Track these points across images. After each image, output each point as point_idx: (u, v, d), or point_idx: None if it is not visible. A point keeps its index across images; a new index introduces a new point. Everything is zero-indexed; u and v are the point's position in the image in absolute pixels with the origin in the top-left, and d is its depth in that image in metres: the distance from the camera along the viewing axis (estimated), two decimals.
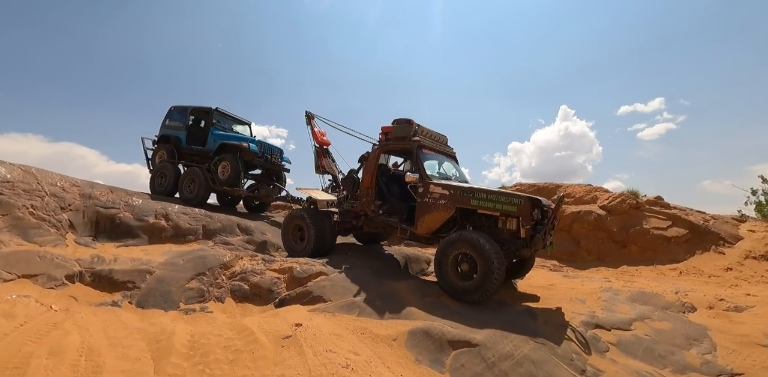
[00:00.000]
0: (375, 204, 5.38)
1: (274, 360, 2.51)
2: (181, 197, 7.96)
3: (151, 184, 8.41)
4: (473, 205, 4.39)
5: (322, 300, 3.95)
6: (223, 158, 7.76)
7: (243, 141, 7.85)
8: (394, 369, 2.67)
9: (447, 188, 4.62)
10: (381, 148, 5.46)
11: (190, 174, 7.88)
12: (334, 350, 2.68)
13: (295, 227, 5.98)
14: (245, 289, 4.33)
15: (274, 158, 8.46)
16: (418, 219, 4.79)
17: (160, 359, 2.49)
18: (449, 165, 5.69)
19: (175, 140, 8.56)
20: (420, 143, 5.14)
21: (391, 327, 3.31)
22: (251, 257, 4.92)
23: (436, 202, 4.65)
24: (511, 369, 2.98)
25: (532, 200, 4.14)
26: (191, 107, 8.61)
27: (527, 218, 4.07)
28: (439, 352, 3.05)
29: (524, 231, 4.10)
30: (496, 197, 4.28)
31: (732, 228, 8.66)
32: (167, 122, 8.80)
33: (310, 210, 5.90)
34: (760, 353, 4.02)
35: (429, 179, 4.80)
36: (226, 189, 7.74)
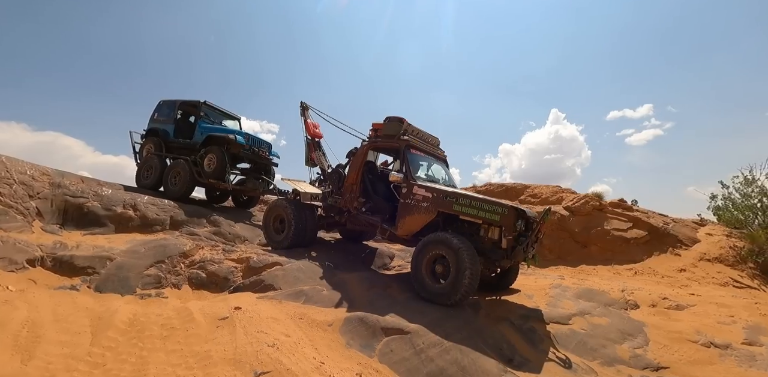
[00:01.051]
0: (358, 201, 5.29)
1: (206, 338, 2.69)
2: (165, 190, 7.87)
3: (138, 177, 8.36)
4: (455, 210, 4.27)
5: (273, 289, 4.13)
6: (210, 150, 7.66)
7: (230, 133, 7.79)
8: (321, 351, 2.87)
9: (430, 191, 4.52)
10: (369, 144, 5.39)
11: (176, 166, 7.79)
12: (266, 331, 2.87)
13: (277, 217, 5.92)
14: (202, 277, 4.50)
15: (262, 151, 8.35)
16: (399, 220, 4.71)
17: (99, 333, 2.66)
18: (438, 168, 5.60)
19: (163, 133, 8.51)
20: (408, 142, 5.04)
21: (330, 314, 3.51)
22: (212, 247, 5.09)
23: (419, 204, 4.55)
24: (437, 355, 3.18)
25: (516, 210, 4.04)
26: (180, 101, 8.55)
27: (510, 229, 3.97)
28: (371, 338, 3.25)
29: (506, 242, 3.99)
30: (480, 204, 4.16)
31: (691, 231, 9.00)
32: (156, 115, 8.76)
33: (294, 201, 5.82)
34: (689, 348, 4.25)
35: (413, 180, 4.72)
36: (212, 182, 7.62)
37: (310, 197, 5.87)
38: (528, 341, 3.91)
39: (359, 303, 3.86)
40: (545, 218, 4.21)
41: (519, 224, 4.02)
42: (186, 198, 7.83)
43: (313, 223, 5.79)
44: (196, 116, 8.51)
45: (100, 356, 2.40)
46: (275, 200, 6.26)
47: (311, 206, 5.87)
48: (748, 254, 7.82)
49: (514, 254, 4.05)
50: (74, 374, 2.16)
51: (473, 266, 3.83)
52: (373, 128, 5.38)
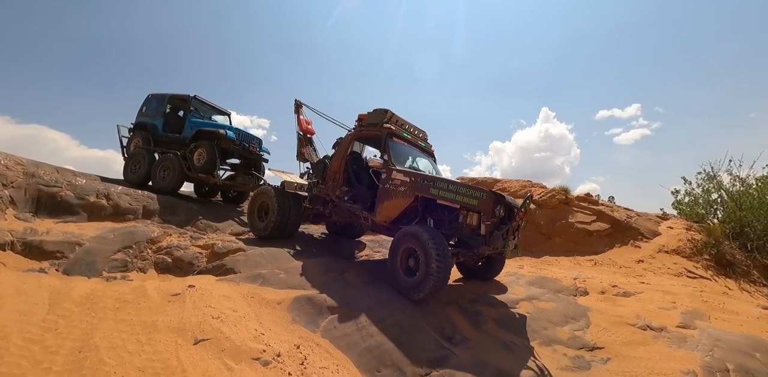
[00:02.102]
0: (341, 190, 5.32)
1: (156, 311, 2.93)
2: (153, 184, 7.82)
3: (125, 171, 8.29)
4: (433, 194, 4.21)
5: (233, 272, 4.37)
6: (200, 144, 7.63)
7: (220, 128, 7.78)
8: (265, 325, 3.11)
9: (408, 175, 4.50)
10: (353, 134, 5.43)
11: (164, 160, 7.74)
12: (214, 306, 3.11)
13: (261, 204, 5.94)
14: (168, 262, 4.72)
15: (252, 147, 8.33)
16: (378, 205, 4.71)
17: (55, 304, 2.88)
18: (425, 162, 5.56)
19: (152, 127, 8.48)
20: (391, 130, 5.05)
21: (281, 294, 3.75)
22: (180, 234, 5.30)
23: (396, 189, 4.53)
24: (377, 332, 3.42)
25: (495, 195, 3.93)
26: (169, 95, 8.51)
27: (488, 214, 3.87)
28: (316, 315, 3.51)
29: (485, 227, 3.90)
30: (457, 188, 4.09)
31: (653, 225, 9.39)
32: (144, 109, 8.71)
33: (279, 189, 5.84)
34: (626, 331, 4.54)
35: (393, 165, 4.73)
36: (202, 177, 7.58)
37: (295, 186, 5.93)
38: (472, 322, 4.17)
39: (313, 285, 4.10)
40: (527, 205, 4.08)
41: (498, 209, 3.92)
42: (175, 193, 7.84)
43: (296, 213, 5.80)
44: (186, 110, 8.46)
45: (53, 322, 2.63)
46: (261, 186, 6.28)
47: (296, 196, 5.90)
48: (703, 246, 8.21)
49: (492, 240, 3.94)
50: (26, 335, 2.38)
51: (442, 260, 3.66)
52: (359, 119, 5.46)
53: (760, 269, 8.10)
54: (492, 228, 3.94)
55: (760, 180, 8.74)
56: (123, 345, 2.47)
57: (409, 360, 3.08)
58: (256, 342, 2.70)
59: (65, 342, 2.46)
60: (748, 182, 9.00)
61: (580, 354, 3.90)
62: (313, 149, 6.83)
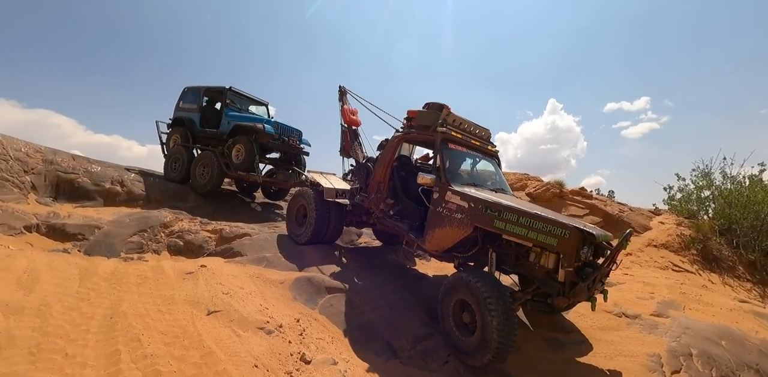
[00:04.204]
0: (385, 203, 4.60)
1: (173, 286, 3.32)
2: (193, 183, 7.57)
3: (165, 169, 8.14)
4: (497, 228, 3.31)
5: (240, 255, 4.76)
6: (238, 140, 7.25)
7: (258, 122, 7.32)
8: (269, 301, 3.50)
9: (467, 199, 3.61)
10: (401, 136, 4.62)
11: (203, 159, 7.47)
12: (224, 283, 3.49)
13: (300, 207, 5.44)
14: (180, 245, 5.12)
15: (292, 140, 7.88)
16: (428, 232, 3.92)
17: (85, 279, 3.27)
18: (487, 168, 4.75)
19: (189, 122, 8.17)
20: (446, 135, 4.15)
21: (284, 275, 4.14)
22: (190, 220, 5.69)
23: (451, 215, 3.68)
24: (370, 310, 3.82)
25: (582, 232, 2.97)
26: (204, 88, 8.19)
27: (571, 257, 2.94)
28: (315, 294, 3.89)
29: (563, 274, 3.00)
30: (531, 222, 3.12)
31: (645, 220, 9.69)
32: (181, 103, 8.45)
33: (319, 192, 5.18)
34: (602, 317, 4.81)
35: (448, 184, 3.83)
36: (241, 174, 7.25)
37: (335, 193, 5.14)
38: None
39: (313, 269, 4.48)
40: (624, 244, 3.16)
41: (585, 251, 2.97)
42: (215, 191, 7.65)
43: (338, 219, 5.21)
44: (222, 103, 8.10)
45: (85, 294, 3.02)
46: (301, 188, 5.70)
47: (338, 202, 5.21)
48: (691, 241, 8.51)
49: (575, 292, 3.06)
50: (64, 303, 2.78)
51: (505, 316, 2.93)
52: (407, 117, 4.62)
53: (745, 265, 8.42)
54: (573, 276, 3.04)
55: (750, 179, 8.97)
56: (147, 314, 2.86)
57: (397, 335, 3.47)
58: (261, 315, 3.08)
59: (98, 309, 2.85)
60: (739, 180, 9.24)
61: (557, 336, 4.23)
62: (359, 144, 6.04)
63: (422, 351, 3.26)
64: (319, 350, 2.83)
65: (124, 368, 2.27)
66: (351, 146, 5.96)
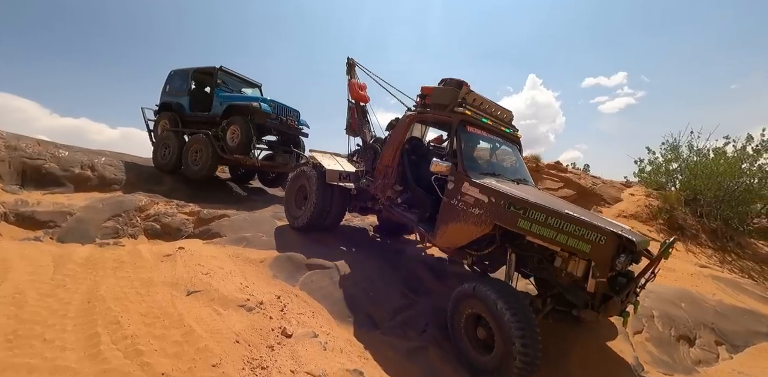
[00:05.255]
0: (393, 190, 4.20)
1: (150, 269, 3.32)
2: (185, 169, 7.15)
3: (154, 156, 7.74)
4: (521, 228, 2.86)
5: (219, 236, 4.76)
6: (232, 121, 6.83)
7: (253, 101, 6.92)
8: (249, 279, 3.54)
9: (487, 193, 3.13)
10: (413, 116, 4.18)
11: (195, 142, 7.02)
12: (203, 264, 3.51)
13: (301, 188, 5.08)
14: (157, 228, 5.07)
15: (291, 120, 7.44)
16: (440, 226, 3.50)
17: (59, 266, 3.24)
18: (507, 156, 4.31)
19: (178, 107, 7.78)
20: (465, 116, 3.65)
21: (264, 254, 4.17)
22: (166, 203, 5.62)
23: (468, 209, 3.24)
24: (351, 285, 3.91)
25: (620, 238, 2.52)
26: (193, 69, 7.75)
27: (605, 267, 2.52)
28: (295, 272, 3.95)
29: (594, 284, 2.56)
30: (562, 224, 2.67)
31: (616, 192, 10.06)
32: (167, 88, 8.05)
33: (321, 174, 4.78)
34: None
35: (465, 173, 3.37)
36: (238, 158, 6.77)
37: (338, 176, 4.75)
38: (437, 278, 4.67)
39: (293, 247, 4.52)
40: (666, 253, 2.69)
41: (621, 260, 2.53)
42: (210, 177, 7.30)
43: (340, 203, 4.87)
44: (212, 84, 7.69)
45: (61, 280, 3.00)
46: (302, 167, 5.24)
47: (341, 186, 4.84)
48: (659, 211, 8.90)
49: (607, 308, 2.68)
50: (40, 290, 2.76)
51: (528, 333, 2.54)
52: (421, 94, 4.14)
53: (707, 233, 8.90)
54: (606, 287, 2.62)
55: (715, 151, 9.36)
56: (125, 297, 2.87)
57: (377, 308, 3.59)
58: (242, 293, 3.13)
59: (75, 295, 2.84)
60: (704, 152, 9.62)
61: None
62: (367, 122, 5.58)
63: (401, 322, 3.40)
64: (300, 324, 2.92)
65: (104, 349, 2.30)
66: (358, 124, 5.45)
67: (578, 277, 2.69)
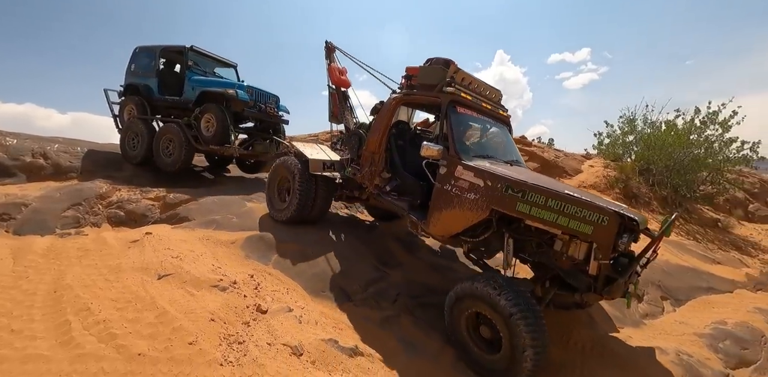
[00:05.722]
0: (381, 177, 4.04)
1: (118, 255, 3.28)
2: (157, 161, 6.64)
3: (122, 146, 7.08)
4: (520, 212, 2.78)
5: (188, 220, 4.70)
6: (207, 109, 6.34)
7: (229, 87, 6.41)
8: (221, 261, 3.57)
9: (482, 176, 3.01)
10: (399, 98, 3.96)
11: (167, 132, 6.53)
12: (173, 248, 3.50)
13: (282, 179, 4.86)
14: (121, 215, 4.93)
15: (269, 107, 7.02)
16: (433, 214, 3.35)
17: (19, 258, 3.15)
18: (498, 136, 4.16)
19: (145, 89, 7.11)
20: (455, 96, 3.50)
21: (235, 235, 4.18)
22: (129, 189, 5.44)
23: (463, 195, 3.11)
24: (323, 261, 4.00)
25: (623, 217, 2.51)
26: (161, 47, 7.06)
27: (607, 248, 2.50)
28: (268, 251, 4.00)
29: (596, 267, 2.56)
30: (563, 206, 2.60)
31: (577, 164, 10.53)
32: (133, 67, 7.29)
33: (304, 163, 4.55)
34: None
35: (458, 155, 3.23)
36: (214, 149, 6.40)
37: (322, 165, 4.55)
38: (407, 251, 4.85)
39: (264, 227, 4.54)
40: (668, 231, 2.71)
41: (624, 240, 2.53)
42: (185, 169, 6.82)
43: (325, 195, 4.68)
44: (183, 65, 7.06)
45: (23, 272, 2.93)
46: (283, 157, 5.00)
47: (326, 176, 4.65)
48: (615, 181, 9.42)
49: (611, 290, 2.64)
50: (1, 283, 2.69)
51: (536, 328, 2.47)
52: (407, 75, 3.98)
53: (658, 200, 9.53)
54: (609, 269, 2.60)
55: (666, 124, 9.89)
56: (94, 284, 2.85)
57: (350, 281, 3.72)
58: (214, 274, 3.17)
59: (39, 285, 2.79)
60: (657, 125, 10.15)
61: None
62: (350, 108, 5.36)
63: (374, 293, 3.55)
64: (274, 300, 3.00)
65: (77, 335, 2.31)
66: (341, 110, 5.26)
67: (579, 260, 2.66)
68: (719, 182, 9.70)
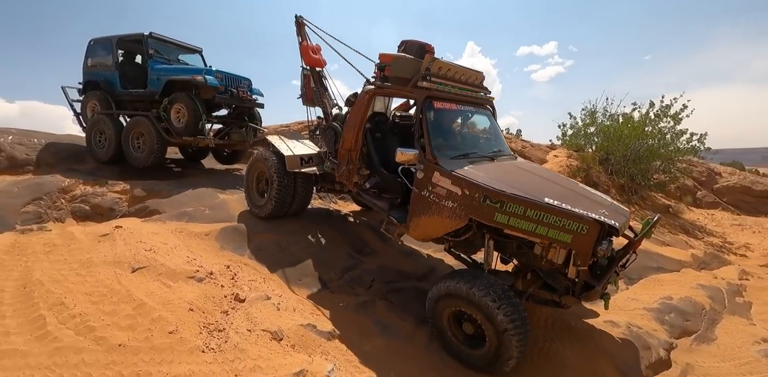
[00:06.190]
0: (359, 175, 3.88)
1: (88, 250, 3.23)
2: (129, 157, 6.32)
3: (89, 146, 6.71)
4: (499, 223, 2.73)
5: (158, 213, 4.64)
6: (175, 99, 6.05)
7: (196, 74, 6.11)
8: (196, 252, 3.58)
9: (460, 184, 2.90)
10: (372, 91, 3.71)
11: (136, 126, 6.22)
12: (145, 241, 3.47)
13: (259, 175, 4.72)
14: (86, 209, 4.79)
15: (242, 91, 6.69)
16: (412, 218, 3.25)
17: None
18: (480, 125, 4.01)
19: (106, 84, 6.75)
20: (431, 92, 3.27)
21: (208, 227, 4.18)
22: (93, 182, 5.27)
23: (441, 202, 2.99)
24: (299, 250, 4.08)
25: (602, 225, 2.48)
26: (117, 37, 6.64)
27: (585, 255, 2.51)
28: (243, 242, 4.03)
29: (574, 272, 2.62)
30: (541, 215, 2.57)
31: (542, 154, 10.98)
32: (89, 61, 6.92)
33: (281, 159, 4.37)
34: None
35: (435, 160, 3.05)
36: (188, 140, 6.18)
37: (299, 162, 4.35)
38: (381, 238, 4.95)
39: (239, 219, 4.55)
40: (648, 232, 2.80)
41: (603, 247, 2.49)
42: (159, 164, 6.54)
43: (305, 190, 4.62)
44: (144, 55, 6.70)
45: None
46: (259, 151, 4.84)
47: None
48: (577, 170, 9.90)
49: (589, 295, 2.72)
50: None
51: (519, 324, 2.54)
52: (380, 64, 3.58)
53: (616, 188, 10.11)
54: (587, 275, 2.65)
55: (623, 116, 10.46)
56: (65, 279, 2.81)
57: (326, 269, 3.82)
58: (190, 266, 3.18)
59: (6, 282, 2.73)
60: (616, 117, 10.70)
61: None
62: (325, 89, 4.95)
63: (349, 280, 3.67)
64: (252, 289, 3.07)
65: (53, 329, 2.31)
66: (315, 93, 4.89)
67: (559, 264, 2.69)
68: (671, 171, 10.40)
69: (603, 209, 2.70)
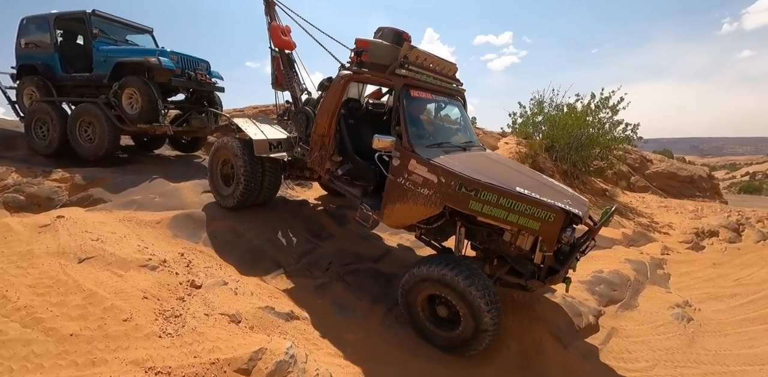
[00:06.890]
0: (332, 161, 3.83)
1: (28, 241, 3.06)
2: (78, 149, 5.77)
3: (30, 138, 6.07)
4: (473, 210, 2.86)
5: (103, 201, 4.43)
6: (127, 83, 5.57)
7: (150, 55, 5.61)
8: (148, 241, 3.49)
9: (436, 172, 2.98)
10: (349, 77, 3.66)
11: (83, 114, 5.68)
12: (91, 231, 3.34)
13: (224, 162, 4.52)
14: (20, 200, 4.47)
15: (200, 74, 6.23)
16: (386, 205, 3.29)
17: None
18: (452, 116, 4.09)
19: (45, 68, 6.13)
20: (408, 80, 3.30)
21: (159, 215, 4.07)
22: (27, 170, 4.91)
23: (416, 189, 3.07)
24: (255, 237, 4.09)
25: (567, 214, 2.67)
26: (54, 15, 6.02)
27: (551, 241, 2.69)
28: (197, 229, 3.98)
29: (540, 257, 2.80)
30: (513, 204, 2.73)
31: (494, 141, 11.46)
32: (23, 43, 6.22)
33: (248, 144, 4.21)
34: None
35: (411, 148, 3.12)
36: (143, 128, 5.65)
37: (267, 146, 4.19)
38: (337, 223, 5.04)
39: (191, 206, 4.46)
40: (606, 221, 2.97)
41: (567, 234, 2.68)
42: (112, 155, 5.99)
43: (273, 177, 4.46)
44: (87, 35, 6.10)
45: None
46: (223, 138, 4.61)
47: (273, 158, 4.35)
48: (525, 157, 10.47)
49: (553, 279, 2.93)
50: None
51: (494, 307, 2.72)
52: (356, 49, 3.59)
53: (560, 173, 10.82)
54: (552, 260, 2.87)
55: (567, 106, 11.14)
56: (4, 272, 2.67)
57: (283, 254, 3.89)
58: (141, 254, 3.12)
59: None
60: (561, 107, 11.37)
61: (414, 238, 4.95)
62: (295, 73, 4.81)
63: (307, 264, 3.76)
64: (208, 276, 3.08)
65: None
66: (285, 77, 4.73)
67: (526, 250, 2.88)
68: (608, 158, 11.28)
69: (567, 198, 2.89)
